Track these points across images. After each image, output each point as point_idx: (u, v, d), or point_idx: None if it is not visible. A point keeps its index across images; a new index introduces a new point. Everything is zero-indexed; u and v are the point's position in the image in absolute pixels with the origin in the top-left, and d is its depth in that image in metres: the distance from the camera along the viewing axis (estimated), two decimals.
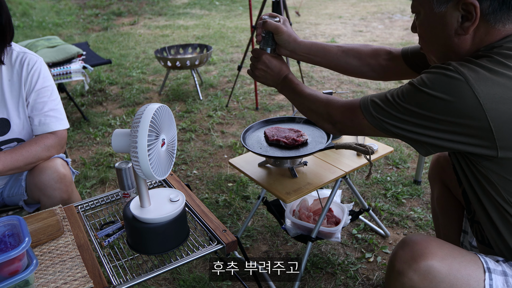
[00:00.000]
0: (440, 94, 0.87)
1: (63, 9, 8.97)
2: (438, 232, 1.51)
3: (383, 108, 0.98)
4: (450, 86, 0.86)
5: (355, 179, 2.53)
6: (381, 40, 5.71)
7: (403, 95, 0.94)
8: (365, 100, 1.04)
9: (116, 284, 1.02)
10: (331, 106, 1.13)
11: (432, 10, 0.96)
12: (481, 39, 0.93)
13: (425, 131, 0.92)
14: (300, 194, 1.47)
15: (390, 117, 0.97)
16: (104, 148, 3.09)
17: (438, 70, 0.90)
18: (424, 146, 0.96)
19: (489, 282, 0.92)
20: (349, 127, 1.11)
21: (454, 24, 0.94)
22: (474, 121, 0.86)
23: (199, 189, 2.51)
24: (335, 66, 1.36)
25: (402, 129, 0.96)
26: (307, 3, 8.79)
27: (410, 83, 0.95)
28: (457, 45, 0.96)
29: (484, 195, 0.97)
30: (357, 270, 1.83)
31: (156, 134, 1.04)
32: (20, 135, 1.51)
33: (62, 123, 1.55)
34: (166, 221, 1.10)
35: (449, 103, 0.86)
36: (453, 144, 0.91)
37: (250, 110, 3.64)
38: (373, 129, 1.03)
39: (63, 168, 1.48)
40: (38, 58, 1.53)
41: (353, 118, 1.06)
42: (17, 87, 1.47)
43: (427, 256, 0.91)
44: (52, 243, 1.15)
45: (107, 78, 4.60)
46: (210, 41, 6.11)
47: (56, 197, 1.43)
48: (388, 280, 0.99)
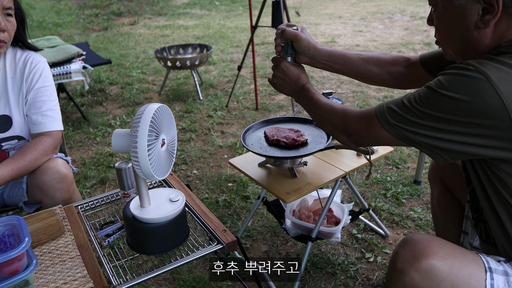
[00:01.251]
0: (461, 96, 0.84)
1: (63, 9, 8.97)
2: (438, 233, 1.51)
3: (400, 114, 0.94)
4: (471, 87, 0.83)
5: (355, 179, 2.53)
6: (381, 40, 5.71)
7: (421, 99, 0.91)
8: (381, 107, 1.00)
9: (116, 284, 1.02)
10: (346, 116, 1.09)
11: (451, 2, 0.93)
12: (502, 34, 0.90)
13: (446, 136, 0.89)
14: (300, 194, 1.47)
15: (409, 123, 0.93)
16: (104, 148, 3.09)
17: (457, 70, 0.87)
18: (444, 153, 0.92)
19: (490, 281, 0.91)
20: (365, 138, 1.06)
21: (474, 17, 0.90)
22: (497, 122, 0.83)
23: (199, 189, 2.51)
24: (355, 74, 1.34)
25: (421, 135, 0.92)
26: (307, 3, 8.79)
27: (427, 86, 0.91)
28: (477, 39, 0.93)
29: (495, 196, 0.96)
30: (357, 270, 1.83)
31: (156, 134, 1.04)
32: (22, 133, 1.51)
33: (58, 124, 1.55)
34: (166, 221, 1.10)
35: (471, 104, 0.83)
36: (475, 148, 0.88)
37: (250, 110, 3.64)
38: (391, 138, 0.98)
39: (65, 168, 1.48)
40: (42, 59, 1.55)
41: (369, 128, 1.02)
42: (18, 84, 1.49)
43: (429, 255, 0.91)
44: (52, 243, 1.15)
45: (107, 78, 4.60)
46: (210, 41, 6.11)
47: (58, 197, 1.43)
48: (389, 279, 0.99)
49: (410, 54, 4.99)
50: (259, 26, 3.39)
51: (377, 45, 5.46)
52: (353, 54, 1.33)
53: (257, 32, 6.39)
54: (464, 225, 1.27)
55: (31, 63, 1.50)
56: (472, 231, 1.24)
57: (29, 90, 1.49)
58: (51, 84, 1.55)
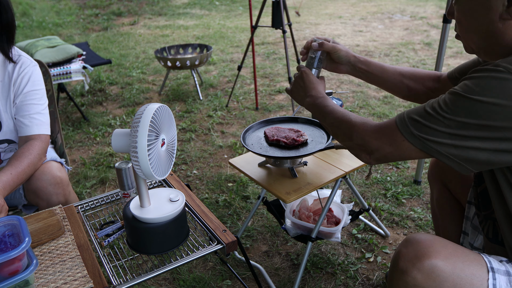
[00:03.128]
0: (493, 99, 0.80)
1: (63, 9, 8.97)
2: (438, 233, 1.51)
3: (425, 124, 0.88)
4: (504, 89, 0.79)
5: (355, 179, 2.53)
6: (381, 40, 5.71)
7: (447, 106, 0.85)
8: (402, 118, 0.93)
9: (116, 284, 1.02)
10: (365, 131, 1.01)
11: None
12: None
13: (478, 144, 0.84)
14: (300, 194, 1.47)
15: (435, 133, 0.87)
16: (104, 148, 3.09)
17: (486, 73, 0.83)
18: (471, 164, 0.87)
19: (493, 281, 0.91)
20: (388, 154, 0.97)
21: (499, 7, 0.86)
22: None
23: (199, 189, 2.51)
24: (392, 87, 1.33)
25: (450, 146, 0.86)
26: (307, 3, 8.79)
27: (452, 92, 0.86)
28: (501, 32, 0.88)
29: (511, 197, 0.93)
30: (357, 270, 1.83)
31: (156, 134, 1.04)
32: (11, 137, 1.50)
33: (46, 128, 1.52)
34: (166, 221, 1.10)
35: (504, 107, 0.79)
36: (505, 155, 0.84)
37: (250, 110, 3.64)
38: (417, 151, 0.91)
39: (59, 172, 1.47)
40: (32, 62, 1.51)
41: (392, 143, 0.94)
42: (6, 88, 1.46)
43: (431, 255, 0.90)
44: (52, 243, 1.15)
45: (107, 78, 4.60)
46: (210, 41, 6.11)
47: (54, 201, 1.43)
48: (391, 279, 0.98)
49: (410, 54, 5.00)
50: (259, 26, 3.39)
51: (377, 45, 5.46)
52: (390, 66, 1.33)
53: (257, 32, 6.39)
54: (464, 225, 1.27)
55: (20, 67, 1.47)
56: (472, 232, 1.23)
57: (18, 94, 1.47)
58: (41, 88, 1.52)
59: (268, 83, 4.28)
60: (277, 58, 5.13)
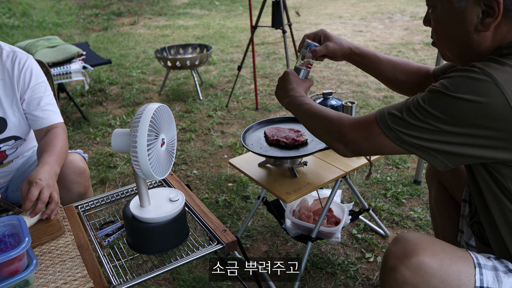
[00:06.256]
0: (467, 96, 0.83)
1: (63, 9, 8.97)
2: (437, 232, 1.51)
3: (401, 118, 0.92)
4: (477, 88, 0.83)
5: (355, 179, 2.53)
6: (381, 40, 5.71)
7: (424, 102, 0.89)
8: (382, 112, 0.98)
9: (116, 284, 1.02)
10: (342, 124, 1.05)
11: (451, 4, 0.92)
12: (502, 37, 0.90)
13: (447, 138, 0.87)
14: (300, 194, 1.47)
15: (409, 126, 0.91)
16: (104, 148, 3.09)
17: (461, 73, 0.86)
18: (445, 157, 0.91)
19: (480, 277, 0.92)
20: (363, 146, 1.02)
21: (474, 20, 0.90)
22: (503, 124, 0.82)
23: (199, 189, 2.51)
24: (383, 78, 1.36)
25: (423, 139, 0.90)
26: (307, 3, 8.79)
27: (430, 89, 0.90)
28: (477, 42, 0.92)
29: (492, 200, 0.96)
30: (357, 270, 1.83)
31: (156, 134, 1.04)
32: (17, 133, 1.51)
33: (59, 117, 1.56)
34: (166, 220, 1.10)
35: (476, 104, 0.82)
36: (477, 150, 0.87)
37: (250, 110, 3.64)
38: (391, 145, 0.95)
39: (83, 163, 1.51)
40: (28, 56, 1.53)
41: (368, 135, 0.99)
42: (9, 86, 1.47)
43: (418, 252, 0.92)
44: (52, 243, 1.15)
45: (107, 78, 4.60)
46: (210, 41, 6.11)
47: (74, 191, 1.46)
48: (382, 277, 1.00)
49: (410, 54, 5.00)
50: (259, 26, 3.39)
51: (377, 45, 5.46)
52: (384, 58, 1.34)
53: (257, 32, 6.39)
54: (460, 224, 1.28)
55: (19, 63, 1.49)
56: (467, 230, 1.24)
57: (25, 89, 1.49)
58: (43, 80, 1.55)
59: (268, 83, 4.28)
60: (277, 58, 5.13)
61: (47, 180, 1.23)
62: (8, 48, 1.51)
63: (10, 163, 1.58)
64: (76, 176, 1.46)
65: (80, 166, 1.48)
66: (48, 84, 1.58)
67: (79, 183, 1.47)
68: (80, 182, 1.47)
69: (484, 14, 0.88)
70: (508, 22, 0.88)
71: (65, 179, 1.44)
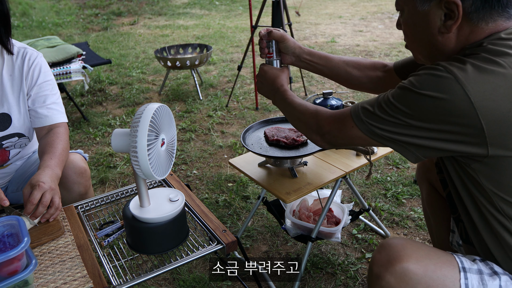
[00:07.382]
0: (430, 93, 0.87)
1: (63, 9, 8.97)
2: (431, 232, 1.52)
3: (373, 112, 0.97)
4: (440, 85, 0.87)
5: (355, 179, 2.53)
6: (381, 40, 5.71)
7: (393, 97, 0.94)
8: (356, 107, 1.03)
9: (116, 284, 1.02)
10: (320, 116, 1.12)
11: (415, 8, 0.96)
12: (466, 38, 0.94)
13: (415, 132, 0.92)
14: (300, 194, 1.46)
15: (380, 120, 0.96)
16: (104, 148, 3.09)
17: (427, 70, 0.91)
18: (415, 150, 0.95)
19: (465, 281, 0.93)
20: (338, 137, 1.09)
21: (437, 22, 0.94)
22: (465, 119, 0.86)
23: (199, 189, 2.51)
24: (336, 76, 1.38)
25: (392, 132, 0.95)
26: (307, 3, 8.79)
27: (398, 86, 0.95)
28: (442, 44, 0.96)
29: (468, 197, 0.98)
30: (357, 270, 1.82)
31: (156, 134, 1.04)
32: (21, 130, 1.51)
33: (64, 117, 1.56)
34: (166, 220, 1.10)
35: (439, 101, 0.86)
36: (444, 143, 0.90)
37: (250, 110, 3.63)
38: (363, 137, 1.01)
39: (84, 163, 1.51)
40: (38, 54, 1.54)
41: (342, 128, 1.05)
42: (18, 81, 1.48)
43: (403, 259, 0.93)
44: (52, 243, 1.14)
45: (107, 78, 4.60)
46: (210, 41, 6.11)
47: (75, 191, 1.46)
48: (369, 284, 1.01)
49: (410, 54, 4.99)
50: (259, 26, 3.39)
51: (377, 45, 5.46)
52: (335, 56, 1.38)
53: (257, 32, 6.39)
54: (451, 223, 1.28)
55: (29, 59, 1.49)
56: None
57: (32, 86, 1.49)
58: (51, 78, 1.56)
59: None
60: None
61: (49, 183, 1.23)
62: (19, 45, 1.52)
63: (10, 164, 1.58)
64: (77, 176, 1.46)
65: (81, 166, 1.48)
66: (55, 83, 1.58)
67: (80, 183, 1.47)
68: (81, 182, 1.47)
69: (446, 17, 0.93)
70: (470, 24, 0.92)
71: (66, 179, 1.44)
